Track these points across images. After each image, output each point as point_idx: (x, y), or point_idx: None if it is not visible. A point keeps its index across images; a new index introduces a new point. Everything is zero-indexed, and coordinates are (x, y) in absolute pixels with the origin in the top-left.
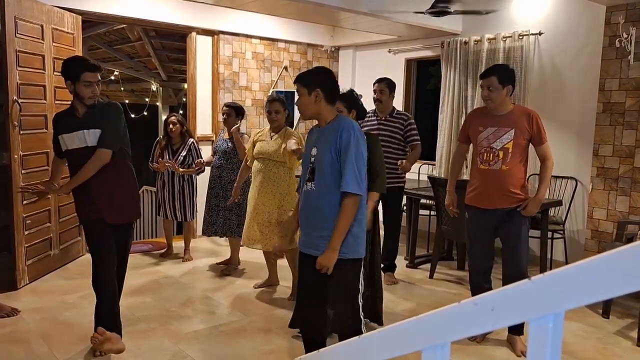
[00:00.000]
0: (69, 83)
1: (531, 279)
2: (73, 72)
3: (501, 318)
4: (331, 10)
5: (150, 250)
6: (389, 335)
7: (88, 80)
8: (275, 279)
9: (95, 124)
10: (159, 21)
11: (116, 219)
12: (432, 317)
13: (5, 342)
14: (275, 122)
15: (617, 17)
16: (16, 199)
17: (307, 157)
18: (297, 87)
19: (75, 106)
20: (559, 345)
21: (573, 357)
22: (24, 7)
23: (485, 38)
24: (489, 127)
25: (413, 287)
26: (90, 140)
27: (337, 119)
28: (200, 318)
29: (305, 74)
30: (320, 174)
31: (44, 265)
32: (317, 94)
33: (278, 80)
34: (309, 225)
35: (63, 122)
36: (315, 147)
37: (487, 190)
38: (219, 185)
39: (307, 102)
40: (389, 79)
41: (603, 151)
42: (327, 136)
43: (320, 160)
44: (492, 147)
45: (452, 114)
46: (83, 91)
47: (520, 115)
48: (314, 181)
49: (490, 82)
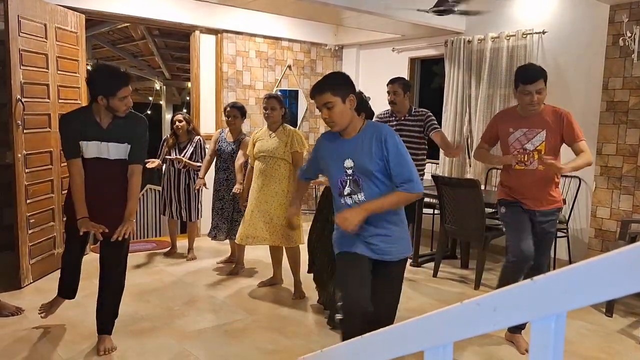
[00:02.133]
0: (101, 98)
1: (533, 279)
2: (108, 88)
3: (504, 318)
4: (335, 9)
5: (154, 249)
6: (391, 336)
7: (124, 96)
8: (279, 277)
9: (121, 138)
10: (163, 20)
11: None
12: (434, 318)
13: (10, 341)
14: (270, 119)
15: (621, 15)
16: (20, 198)
17: (339, 170)
18: (324, 97)
19: (98, 113)
20: (562, 345)
21: (576, 355)
22: (27, 6)
23: (489, 37)
24: (519, 129)
25: (417, 285)
26: (113, 153)
27: (369, 125)
28: (204, 317)
29: (331, 81)
30: (369, 183)
31: (48, 264)
32: (352, 99)
33: (282, 79)
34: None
35: (84, 129)
36: (349, 159)
37: (524, 191)
38: (226, 188)
39: (344, 110)
40: (403, 78)
41: (607, 150)
42: (364, 145)
43: (366, 170)
44: (526, 148)
45: (455, 113)
46: (118, 105)
47: (550, 115)
48: (362, 192)
49: (539, 85)
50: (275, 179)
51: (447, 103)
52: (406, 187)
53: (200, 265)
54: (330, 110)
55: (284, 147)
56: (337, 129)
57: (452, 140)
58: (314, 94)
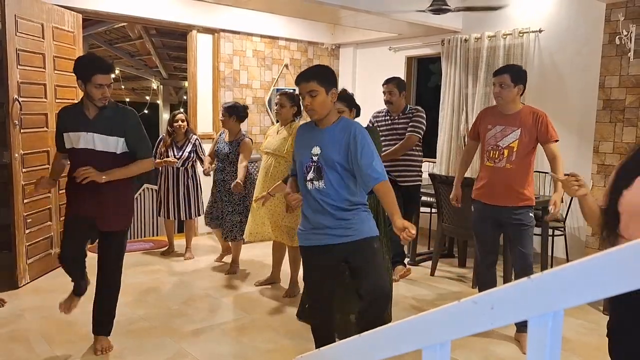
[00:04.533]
0: (80, 82)
1: (530, 277)
2: (84, 72)
3: (501, 316)
4: (332, 8)
5: (151, 248)
6: (389, 334)
7: (99, 83)
8: (277, 276)
9: (109, 130)
10: (160, 19)
11: (111, 227)
12: (431, 316)
13: (6, 341)
14: (279, 115)
15: (617, 14)
16: (17, 198)
17: (306, 156)
18: (309, 85)
19: (87, 105)
20: (559, 343)
21: (573, 353)
22: (24, 5)
23: (486, 36)
24: (497, 125)
25: (414, 284)
26: (98, 144)
27: (343, 120)
28: (202, 316)
29: (318, 72)
30: (330, 172)
31: (45, 264)
32: (334, 93)
33: (279, 78)
34: (319, 222)
35: (71, 119)
36: (317, 147)
37: (492, 188)
38: (224, 189)
39: (325, 101)
40: (398, 78)
41: (603, 148)
42: (334, 136)
43: (330, 159)
44: (499, 145)
45: (452, 112)
46: (93, 92)
47: (527, 115)
48: (322, 180)
49: (502, 79)
50: (277, 178)
51: (444, 102)
52: (375, 177)
53: (197, 265)
54: (313, 99)
55: (286, 145)
56: (316, 118)
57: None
58: (300, 81)
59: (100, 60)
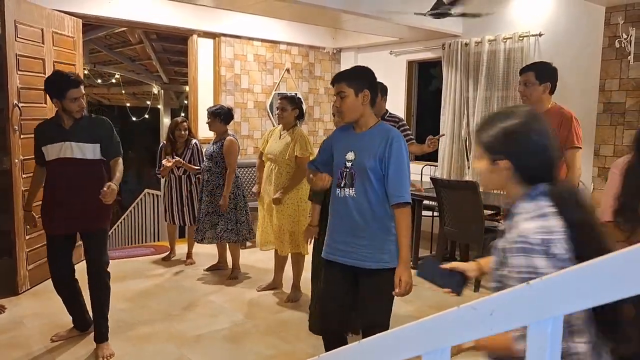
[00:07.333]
0: (56, 101)
1: (529, 283)
2: (58, 90)
3: (500, 322)
4: (333, 13)
5: (152, 254)
6: (388, 340)
7: (74, 97)
8: (279, 282)
9: (86, 138)
10: (160, 24)
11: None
12: (431, 322)
13: (6, 347)
14: (281, 119)
15: (617, 17)
16: (17, 204)
17: (341, 161)
18: (339, 86)
19: (62, 117)
20: (559, 348)
21: None
22: (24, 10)
23: (486, 39)
24: None
25: (415, 288)
26: (77, 152)
27: (381, 125)
28: (203, 322)
29: (350, 73)
30: (362, 180)
31: (45, 270)
32: (366, 94)
33: (280, 82)
34: (346, 233)
35: (47, 133)
36: (352, 152)
37: None
38: (206, 190)
39: (354, 103)
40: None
41: (604, 151)
42: (369, 142)
43: (362, 166)
44: None
45: (453, 116)
46: (71, 107)
47: (554, 115)
48: (353, 187)
49: (527, 77)
50: (279, 187)
51: (445, 106)
52: (397, 196)
53: (199, 270)
54: (342, 100)
55: (289, 151)
56: (345, 120)
57: (451, 141)
58: (333, 82)
59: (69, 76)
